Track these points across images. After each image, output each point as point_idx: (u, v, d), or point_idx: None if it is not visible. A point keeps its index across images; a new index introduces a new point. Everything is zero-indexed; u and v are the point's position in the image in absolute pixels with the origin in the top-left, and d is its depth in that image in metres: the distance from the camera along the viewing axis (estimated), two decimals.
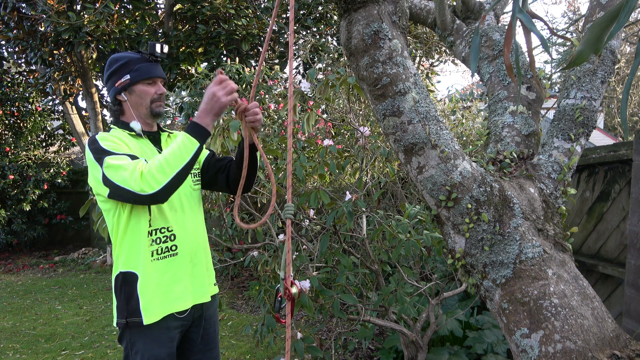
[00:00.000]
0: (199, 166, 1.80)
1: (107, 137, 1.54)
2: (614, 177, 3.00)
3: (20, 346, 3.88)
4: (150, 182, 1.40)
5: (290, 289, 1.37)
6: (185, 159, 1.44)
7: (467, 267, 1.42)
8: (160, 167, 1.41)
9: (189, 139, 1.45)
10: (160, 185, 1.41)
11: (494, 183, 1.39)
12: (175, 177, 1.43)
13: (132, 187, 1.40)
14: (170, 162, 1.42)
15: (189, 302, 1.63)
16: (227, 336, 3.97)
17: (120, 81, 1.63)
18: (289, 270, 1.38)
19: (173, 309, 1.58)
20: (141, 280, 1.54)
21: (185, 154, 1.44)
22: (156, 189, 1.41)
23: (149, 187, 1.40)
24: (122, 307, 1.55)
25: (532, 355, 1.25)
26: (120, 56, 1.66)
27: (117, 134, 1.59)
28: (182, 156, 1.44)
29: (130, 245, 1.55)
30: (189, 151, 1.44)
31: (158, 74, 1.66)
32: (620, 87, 10.09)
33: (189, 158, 1.45)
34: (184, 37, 6.24)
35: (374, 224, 2.72)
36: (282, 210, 1.48)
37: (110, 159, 1.45)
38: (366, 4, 1.36)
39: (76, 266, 7.36)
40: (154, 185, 1.40)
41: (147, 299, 1.53)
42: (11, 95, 8.19)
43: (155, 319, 1.54)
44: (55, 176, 8.32)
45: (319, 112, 3.09)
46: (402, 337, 2.59)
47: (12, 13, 6.18)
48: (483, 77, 1.83)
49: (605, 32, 0.78)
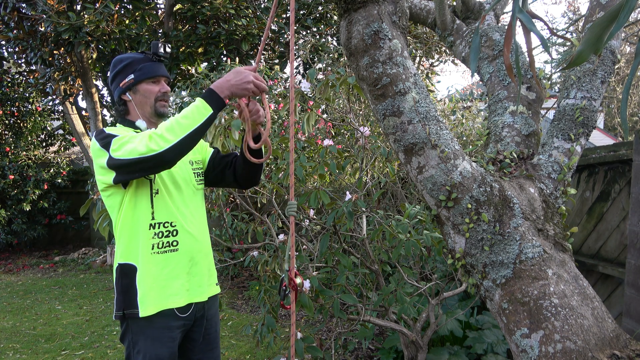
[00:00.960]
0: (202, 166, 1.81)
1: (115, 129, 1.58)
2: (614, 177, 3.00)
3: (20, 346, 3.88)
4: (158, 141, 1.39)
5: (295, 279, 1.45)
6: (197, 122, 1.42)
7: (467, 267, 1.43)
8: (171, 127, 1.41)
9: (204, 104, 1.45)
10: (168, 144, 1.39)
11: (494, 183, 1.39)
12: (184, 138, 1.40)
13: (139, 152, 1.38)
14: (182, 123, 1.41)
15: (184, 299, 1.62)
16: (227, 336, 3.97)
17: (125, 81, 1.64)
18: (293, 262, 1.45)
19: (168, 304, 1.58)
20: (140, 272, 1.54)
21: (198, 118, 1.43)
22: (164, 147, 1.38)
23: (157, 146, 1.38)
24: (120, 299, 1.56)
25: (532, 355, 1.25)
26: (124, 57, 1.68)
27: (122, 130, 1.62)
28: (195, 119, 1.43)
29: (130, 237, 1.56)
30: (201, 116, 1.43)
31: (162, 72, 1.68)
32: (620, 87, 10.09)
33: (201, 122, 1.43)
34: (184, 37, 6.24)
35: (374, 224, 2.72)
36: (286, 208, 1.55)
37: (117, 139, 1.46)
38: (366, 4, 1.36)
39: (76, 266, 7.37)
40: (161, 143, 1.38)
41: (143, 291, 1.54)
42: (11, 95, 8.19)
43: (150, 312, 1.54)
44: (55, 176, 8.32)
45: (319, 112, 3.09)
46: (402, 337, 2.59)
47: (12, 13, 6.18)
48: (483, 77, 1.83)
49: (605, 32, 0.78)
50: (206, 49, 6.34)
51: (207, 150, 1.84)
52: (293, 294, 1.46)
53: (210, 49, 6.29)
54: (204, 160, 1.82)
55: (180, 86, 5.85)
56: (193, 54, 6.51)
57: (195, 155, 1.78)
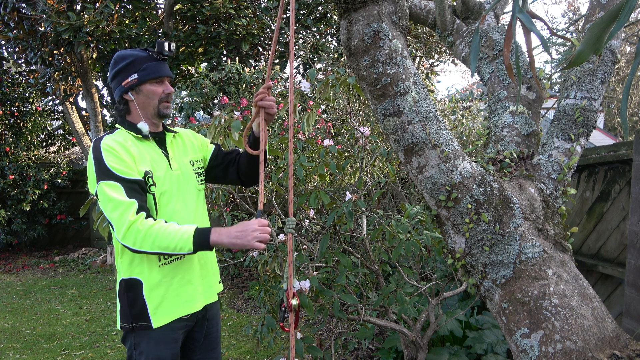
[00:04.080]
0: (203, 165, 1.79)
1: (111, 150, 1.49)
2: (614, 177, 3.00)
3: (20, 346, 3.88)
4: (135, 240, 1.42)
5: (291, 300, 1.39)
6: (171, 249, 1.44)
7: (467, 267, 1.43)
8: (152, 238, 1.42)
9: (188, 242, 1.44)
10: (140, 249, 1.43)
11: (494, 183, 1.39)
12: (155, 252, 1.45)
13: (116, 229, 1.43)
14: (161, 242, 1.42)
15: (200, 303, 1.63)
16: (227, 336, 3.97)
17: (128, 80, 1.57)
18: (291, 282, 1.40)
19: (185, 311, 1.59)
20: (147, 285, 1.53)
21: (175, 247, 1.44)
22: (134, 249, 1.43)
23: (131, 243, 1.42)
24: (126, 312, 1.55)
25: (532, 355, 1.25)
26: (126, 54, 1.60)
27: (121, 141, 1.54)
28: (173, 246, 1.43)
29: (134, 254, 1.53)
30: (178, 248, 1.44)
31: (166, 72, 1.62)
32: (620, 87, 10.09)
33: (174, 251, 1.44)
34: (184, 37, 6.24)
35: (374, 224, 2.72)
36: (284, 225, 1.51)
37: (105, 185, 1.45)
38: (366, 4, 1.36)
39: (76, 266, 7.36)
40: (135, 245, 1.42)
41: (155, 303, 1.53)
42: (11, 95, 8.19)
43: (165, 322, 1.55)
44: (55, 176, 8.31)
45: (319, 112, 3.09)
46: (402, 337, 2.59)
47: (12, 13, 6.18)
48: (483, 77, 1.83)
49: (605, 32, 0.78)
50: (206, 49, 6.34)
51: (208, 147, 1.81)
52: (292, 316, 1.42)
53: (210, 49, 6.29)
54: (204, 159, 1.80)
55: (180, 86, 5.85)
56: (193, 54, 6.51)
57: (196, 154, 1.75)
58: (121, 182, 1.45)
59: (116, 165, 1.47)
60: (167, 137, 1.71)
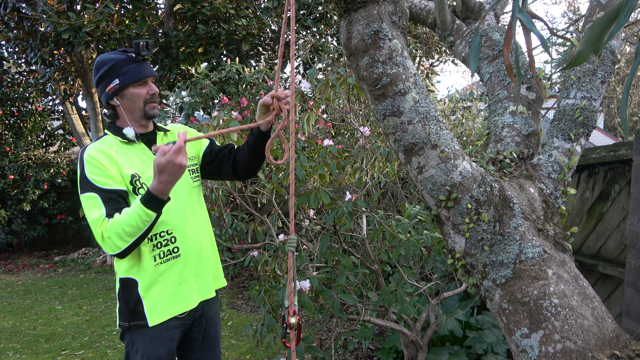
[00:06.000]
0: (197, 161, 1.77)
1: (92, 161, 1.51)
2: (614, 177, 3.00)
3: (20, 346, 3.88)
4: (111, 246, 1.45)
5: (290, 318, 1.39)
6: (142, 228, 1.44)
7: (467, 267, 1.43)
8: (119, 235, 1.43)
9: (145, 211, 1.41)
10: (120, 250, 1.45)
11: (494, 183, 1.39)
12: (134, 242, 1.45)
13: (97, 240, 1.47)
14: (128, 231, 1.42)
15: (196, 300, 1.64)
16: (227, 336, 3.97)
17: (110, 86, 1.56)
18: (292, 300, 1.40)
19: (180, 309, 1.60)
20: (142, 285, 1.55)
21: (142, 225, 1.43)
22: (117, 252, 1.46)
23: (110, 250, 1.45)
24: (124, 311, 1.58)
25: (532, 355, 1.25)
26: (106, 59, 1.58)
27: (104, 149, 1.55)
28: (139, 227, 1.43)
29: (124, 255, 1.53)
30: (145, 223, 1.43)
31: (147, 73, 1.59)
32: (620, 87, 10.09)
33: (146, 227, 1.45)
34: (184, 37, 6.23)
35: (374, 224, 2.72)
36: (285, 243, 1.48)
37: (84, 198, 1.49)
38: (366, 4, 1.36)
39: (76, 266, 7.36)
40: (114, 249, 1.45)
41: (152, 302, 1.55)
42: (11, 95, 8.18)
43: (161, 320, 1.56)
44: (55, 176, 8.31)
45: (319, 112, 3.09)
46: (402, 337, 2.59)
47: (12, 13, 6.17)
48: (483, 77, 1.83)
49: (605, 32, 0.78)
50: (206, 49, 6.34)
51: (202, 143, 1.80)
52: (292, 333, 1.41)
53: (210, 49, 6.29)
54: (198, 156, 1.78)
55: (181, 86, 5.85)
56: (193, 54, 6.51)
57: (189, 151, 1.72)
58: (98, 192, 1.48)
59: (95, 177, 1.49)
60: (157, 136, 1.70)
